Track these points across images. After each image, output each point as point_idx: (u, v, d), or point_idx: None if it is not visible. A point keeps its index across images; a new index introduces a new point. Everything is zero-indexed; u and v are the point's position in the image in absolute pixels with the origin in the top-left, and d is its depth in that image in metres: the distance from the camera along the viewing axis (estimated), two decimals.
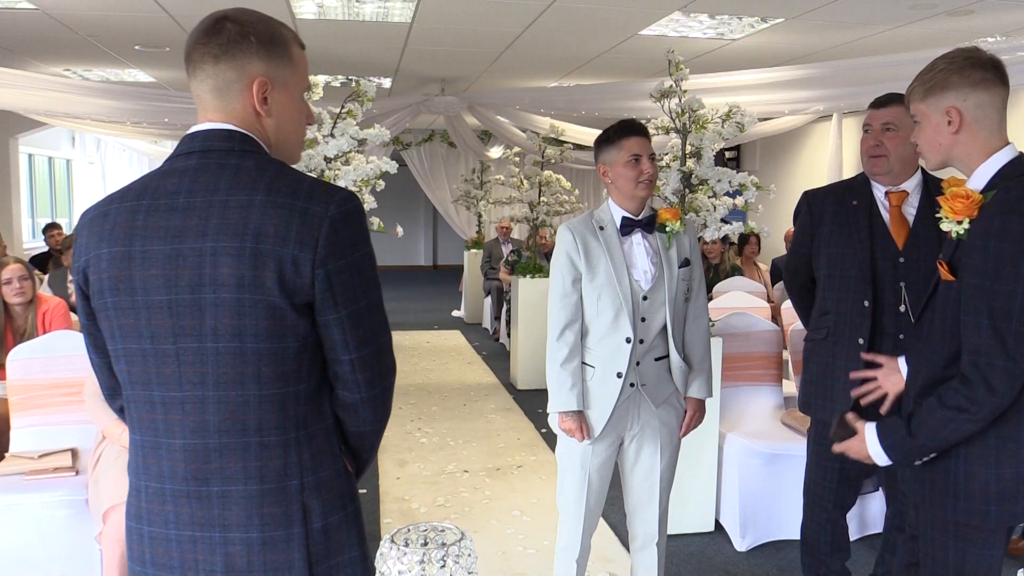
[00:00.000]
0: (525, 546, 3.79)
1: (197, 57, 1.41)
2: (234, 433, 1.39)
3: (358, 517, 1.52)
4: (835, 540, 2.94)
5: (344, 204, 1.38)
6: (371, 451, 1.57)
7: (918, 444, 1.87)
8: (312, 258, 1.34)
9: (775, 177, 10.25)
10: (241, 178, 1.37)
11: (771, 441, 3.77)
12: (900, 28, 5.71)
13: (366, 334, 1.42)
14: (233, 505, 1.40)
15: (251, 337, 1.35)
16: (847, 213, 2.77)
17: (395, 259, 17.01)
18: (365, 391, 1.45)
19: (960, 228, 1.82)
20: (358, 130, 3.55)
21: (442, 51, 6.94)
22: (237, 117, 1.43)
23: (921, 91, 1.89)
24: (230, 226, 1.34)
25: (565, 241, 2.66)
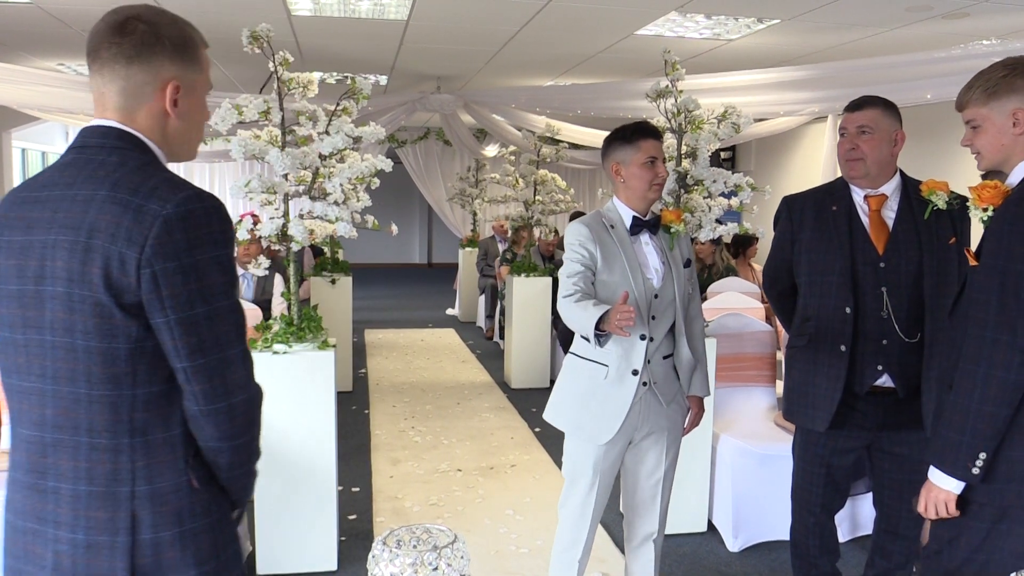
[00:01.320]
0: (518, 545, 3.79)
1: (107, 55, 1.39)
2: (67, 430, 1.37)
3: (199, 537, 1.43)
4: (824, 542, 2.94)
5: (185, 204, 1.33)
6: (231, 469, 1.48)
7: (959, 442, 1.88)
8: (138, 257, 1.30)
9: (770, 178, 10.26)
10: (96, 173, 1.36)
11: (764, 442, 3.77)
12: (896, 30, 5.72)
13: (202, 343, 1.36)
14: (63, 503, 1.38)
15: (80, 334, 1.33)
16: (827, 219, 2.76)
17: (390, 257, 16.98)
18: (204, 404, 1.38)
19: (985, 215, 1.92)
20: (353, 128, 3.54)
21: (438, 49, 6.93)
22: (140, 118, 1.42)
23: (983, 96, 1.95)
24: (71, 219, 1.33)
25: (580, 233, 2.65)
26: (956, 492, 1.92)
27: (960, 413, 1.88)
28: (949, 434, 1.90)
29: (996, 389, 1.82)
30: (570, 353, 2.77)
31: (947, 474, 1.91)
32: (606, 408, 2.65)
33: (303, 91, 3.51)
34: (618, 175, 2.69)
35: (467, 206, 11.36)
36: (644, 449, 2.77)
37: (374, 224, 4.10)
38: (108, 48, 1.39)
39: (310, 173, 3.58)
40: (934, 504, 1.95)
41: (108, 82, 1.40)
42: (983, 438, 1.85)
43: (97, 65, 1.41)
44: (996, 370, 1.82)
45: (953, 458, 1.90)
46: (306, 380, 3.41)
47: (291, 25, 5.94)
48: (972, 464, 1.87)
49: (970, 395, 1.85)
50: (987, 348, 1.83)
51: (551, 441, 5.41)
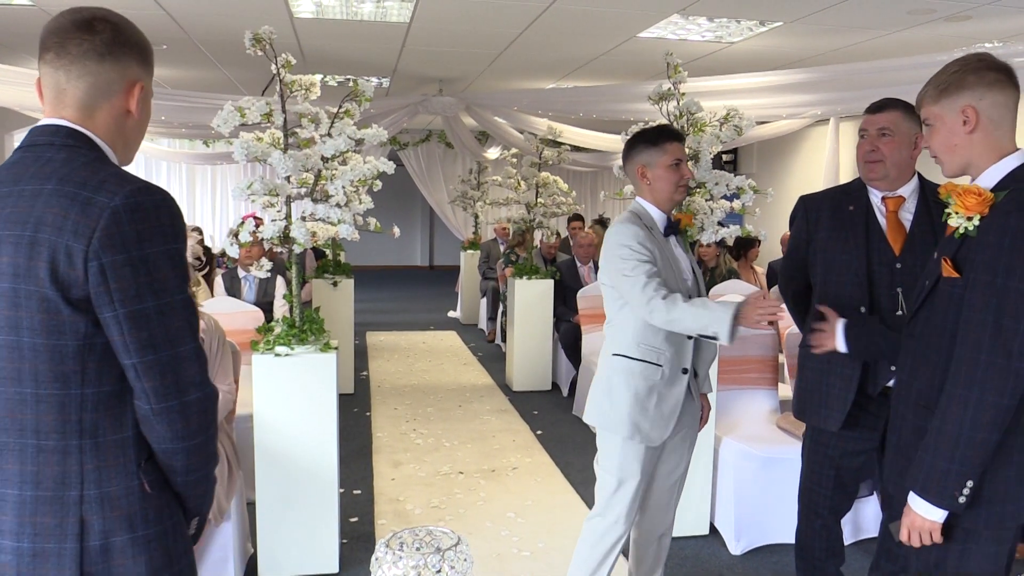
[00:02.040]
0: (520, 548, 3.78)
1: (76, 51, 1.38)
2: (12, 432, 1.33)
3: (152, 543, 1.39)
4: (830, 546, 2.93)
5: (134, 196, 1.31)
6: (187, 474, 1.43)
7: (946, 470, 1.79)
8: (85, 249, 1.27)
9: (772, 180, 10.26)
10: (43, 169, 1.34)
11: (766, 445, 3.76)
12: (898, 33, 5.72)
13: (152, 338, 1.32)
14: (8, 510, 1.33)
15: (27, 331, 1.30)
16: (843, 219, 2.76)
17: (391, 259, 16.98)
18: (155, 402, 1.35)
19: (970, 224, 1.80)
20: (355, 130, 3.54)
21: (440, 51, 6.93)
22: (100, 116, 1.42)
23: (935, 93, 1.88)
24: (16, 214, 1.31)
25: (637, 235, 2.61)
26: (941, 521, 1.83)
27: (948, 440, 1.77)
28: (936, 461, 1.80)
29: (989, 415, 1.73)
30: (617, 355, 2.70)
31: (932, 504, 1.82)
32: (663, 409, 2.66)
33: (305, 93, 3.51)
34: (644, 177, 2.71)
35: (469, 208, 11.36)
36: (670, 448, 2.79)
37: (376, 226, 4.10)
38: (78, 44, 1.37)
39: (312, 175, 3.58)
40: (918, 533, 1.87)
41: (75, 78, 1.39)
42: (971, 465, 1.76)
43: (63, 61, 1.38)
44: (989, 395, 1.72)
45: (939, 487, 1.80)
46: (308, 382, 3.41)
47: (293, 27, 5.95)
48: (959, 493, 1.78)
49: (960, 421, 1.75)
50: (982, 372, 1.73)
51: (553, 444, 5.40)
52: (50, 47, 1.39)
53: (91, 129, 1.41)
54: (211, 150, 11.65)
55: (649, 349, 2.65)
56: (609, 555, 2.76)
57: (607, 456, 2.73)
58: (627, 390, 2.65)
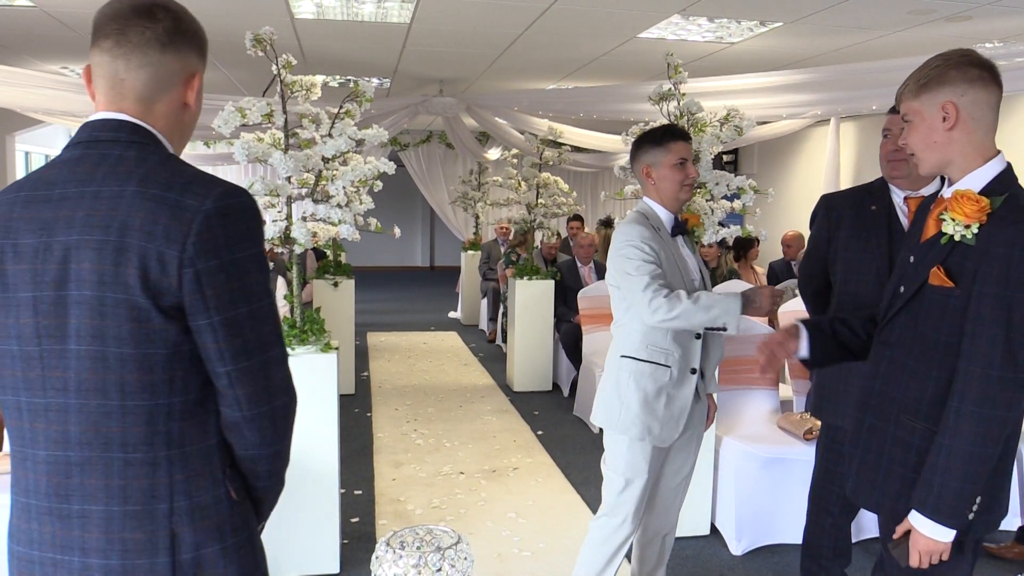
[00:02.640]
0: (521, 548, 3.78)
1: (138, 39, 1.31)
2: (96, 447, 1.27)
3: (242, 551, 1.37)
4: (838, 545, 2.91)
5: (224, 199, 1.27)
6: (268, 478, 1.42)
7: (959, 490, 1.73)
8: (179, 255, 1.22)
9: (773, 181, 10.26)
10: (118, 169, 1.28)
11: (767, 445, 3.76)
12: (899, 33, 5.72)
13: (246, 344, 1.29)
14: (93, 527, 1.27)
15: (113, 340, 1.24)
16: (866, 218, 2.74)
17: (392, 260, 16.98)
18: (247, 409, 1.31)
19: (968, 232, 1.73)
20: (356, 130, 3.54)
21: (441, 52, 6.94)
22: (158, 108, 1.35)
23: (915, 88, 1.82)
24: (96, 218, 1.24)
25: (643, 235, 2.61)
26: (951, 541, 1.76)
27: (960, 459, 1.71)
28: (948, 482, 1.72)
29: (997, 429, 1.69)
30: (625, 357, 2.70)
31: (944, 525, 1.75)
32: (672, 410, 2.66)
33: (306, 94, 3.51)
34: (649, 177, 2.72)
35: (469, 209, 11.36)
36: (677, 448, 2.79)
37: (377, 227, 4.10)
38: (140, 32, 1.30)
39: (313, 176, 3.58)
40: (927, 556, 1.79)
41: (136, 68, 1.32)
42: (980, 480, 1.72)
43: (123, 49, 1.31)
44: (999, 410, 1.68)
45: (951, 508, 1.73)
46: (308, 383, 3.41)
47: (294, 28, 5.95)
48: (970, 510, 1.74)
49: (973, 441, 1.69)
50: (993, 388, 1.67)
51: (553, 444, 5.40)
52: (109, 34, 1.31)
53: (150, 123, 1.34)
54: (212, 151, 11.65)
55: (657, 350, 2.65)
56: (616, 556, 2.77)
57: (615, 456, 2.73)
58: (637, 391, 2.65)
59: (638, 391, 2.65)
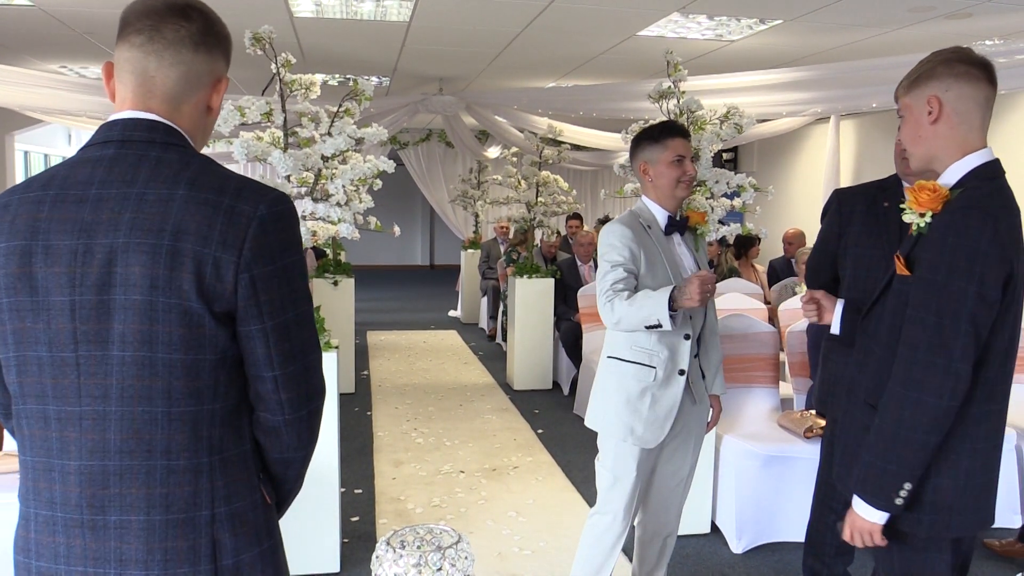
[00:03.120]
0: (521, 547, 3.78)
1: (172, 37, 1.29)
2: (138, 455, 1.24)
3: (275, 554, 1.37)
4: (841, 543, 2.90)
5: (276, 205, 1.28)
6: (295, 481, 1.44)
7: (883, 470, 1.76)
8: (236, 261, 1.22)
9: (772, 179, 10.26)
10: (162, 171, 1.25)
11: (768, 443, 3.76)
12: (898, 31, 5.71)
13: (293, 349, 1.30)
14: (132, 538, 1.24)
15: (163, 346, 1.22)
16: (877, 214, 2.73)
17: (392, 259, 16.98)
18: (289, 412, 1.32)
19: (922, 221, 1.77)
20: (355, 129, 3.54)
21: (440, 51, 6.93)
22: (185, 110, 1.34)
23: (907, 83, 1.86)
24: (146, 221, 1.21)
25: (623, 235, 2.61)
26: (880, 523, 1.79)
27: (886, 439, 1.74)
28: (873, 461, 1.76)
29: (927, 416, 1.68)
30: (611, 358, 2.71)
31: (870, 504, 1.78)
32: (657, 411, 2.64)
33: (305, 93, 3.51)
34: (646, 174, 2.71)
35: (469, 208, 11.36)
36: (673, 449, 2.78)
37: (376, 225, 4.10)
38: (175, 30, 1.29)
39: (312, 174, 3.58)
40: (859, 534, 1.83)
41: (168, 65, 1.30)
42: (909, 467, 1.72)
43: (156, 45, 1.29)
44: (928, 396, 1.67)
45: (876, 488, 1.76)
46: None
47: (293, 27, 5.95)
48: (896, 494, 1.74)
49: (898, 421, 1.71)
50: (919, 371, 1.68)
51: (553, 443, 5.40)
52: (142, 30, 1.29)
53: (177, 124, 1.33)
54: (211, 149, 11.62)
55: (641, 351, 2.64)
56: (611, 553, 2.77)
57: (604, 454, 2.76)
58: (619, 392, 2.66)
59: (621, 391, 2.65)
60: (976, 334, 1.66)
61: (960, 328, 1.66)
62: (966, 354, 1.66)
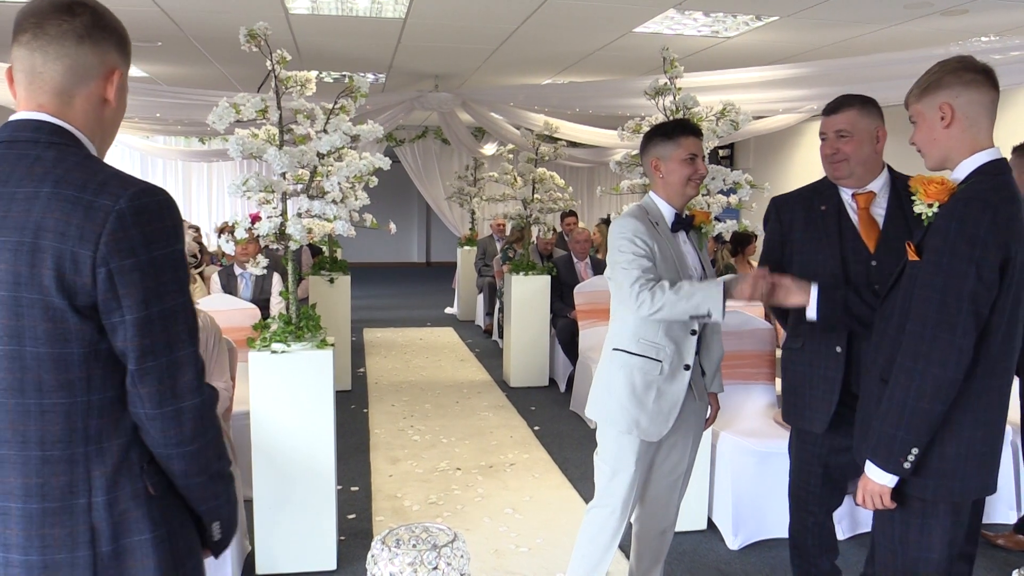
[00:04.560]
0: (518, 544, 3.78)
1: (55, 32, 1.32)
2: (14, 445, 1.28)
3: (163, 543, 1.37)
4: (822, 541, 2.93)
5: (138, 198, 1.28)
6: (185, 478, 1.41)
7: (892, 436, 1.94)
8: (93, 255, 1.24)
9: (769, 175, 10.26)
10: (34, 170, 1.29)
11: (764, 440, 3.76)
12: (894, 27, 5.71)
13: (154, 345, 1.30)
14: (13, 523, 1.29)
15: (30, 340, 1.25)
16: (816, 219, 2.73)
17: (388, 256, 16.96)
18: (149, 407, 1.32)
19: (930, 211, 1.97)
20: (351, 126, 3.53)
21: (436, 47, 6.92)
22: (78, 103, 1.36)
23: (917, 92, 2.03)
24: (12, 220, 1.25)
25: (637, 229, 2.60)
26: (890, 486, 1.98)
27: (896, 408, 1.92)
28: (884, 428, 1.95)
29: (932, 386, 1.87)
30: (617, 350, 2.71)
31: (880, 468, 1.98)
32: (662, 405, 2.65)
33: (301, 89, 3.50)
34: (657, 171, 2.70)
35: (465, 205, 11.36)
36: (671, 444, 2.78)
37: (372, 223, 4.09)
38: (57, 25, 1.33)
39: (308, 172, 3.57)
40: (870, 496, 2.02)
41: (52, 60, 1.33)
42: (916, 433, 1.91)
43: (40, 42, 1.33)
44: (933, 367, 1.86)
45: (887, 452, 1.95)
46: (305, 379, 3.41)
47: (288, 23, 5.93)
48: (904, 459, 1.93)
49: (906, 390, 1.90)
50: (926, 345, 1.87)
51: (550, 439, 5.40)
52: (27, 28, 1.34)
53: (70, 120, 1.35)
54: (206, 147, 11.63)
55: (648, 344, 2.64)
56: (609, 547, 2.77)
57: (603, 446, 2.76)
58: (625, 385, 2.66)
59: (627, 384, 2.65)
60: (977, 312, 1.85)
61: (963, 306, 1.84)
62: (968, 330, 1.85)
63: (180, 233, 1.34)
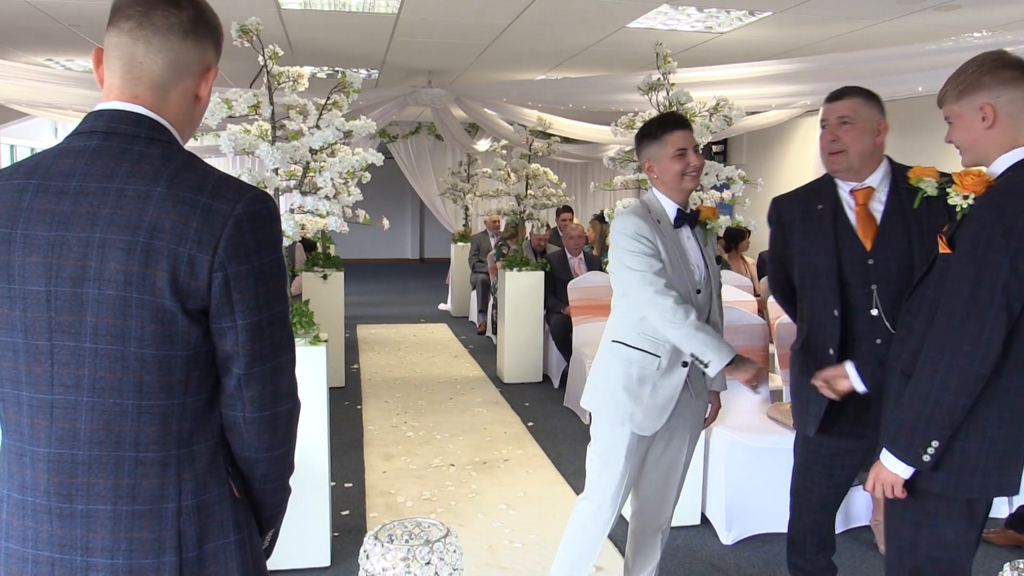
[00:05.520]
0: (511, 540, 3.78)
1: (162, 23, 1.30)
2: (107, 446, 1.26)
3: (243, 547, 1.37)
4: (821, 540, 2.91)
5: (253, 203, 1.28)
6: (265, 483, 1.42)
7: (914, 427, 1.91)
8: (211, 259, 1.23)
9: (762, 171, 10.27)
10: (143, 166, 1.26)
11: (757, 435, 3.77)
12: (887, 23, 5.72)
13: (262, 350, 1.31)
14: (99, 527, 1.27)
15: (135, 341, 1.23)
16: (813, 219, 2.69)
17: (381, 252, 16.94)
18: (250, 412, 1.33)
19: (965, 203, 1.93)
20: (344, 122, 3.52)
21: (429, 43, 6.90)
22: (172, 99, 1.34)
23: (955, 93, 1.98)
24: (123, 217, 1.22)
25: (641, 227, 2.59)
26: (904, 476, 1.96)
27: (919, 399, 1.89)
28: (905, 418, 1.92)
29: (958, 379, 1.83)
30: (616, 342, 2.70)
31: (898, 458, 1.95)
32: (656, 399, 2.65)
33: (293, 85, 3.49)
34: (652, 172, 2.70)
35: (459, 201, 11.33)
36: (667, 441, 2.77)
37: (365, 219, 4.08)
38: (164, 16, 1.30)
39: (301, 167, 3.56)
40: (882, 485, 2.00)
41: (156, 52, 1.30)
42: (938, 426, 1.87)
43: (145, 32, 1.29)
44: (960, 360, 1.82)
45: (906, 443, 1.92)
46: (298, 376, 3.38)
47: (281, 18, 5.91)
48: (924, 451, 1.90)
49: (930, 382, 1.86)
50: (954, 337, 1.83)
51: (544, 435, 5.40)
52: (131, 16, 1.30)
53: (164, 114, 1.33)
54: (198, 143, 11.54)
55: (649, 339, 2.64)
56: (596, 541, 2.78)
57: (596, 438, 2.76)
58: (621, 377, 2.66)
59: (624, 376, 2.65)
60: (1008, 305, 1.80)
61: (994, 298, 1.79)
62: (998, 323, 1.80)
63: (281, 240, 1.35)
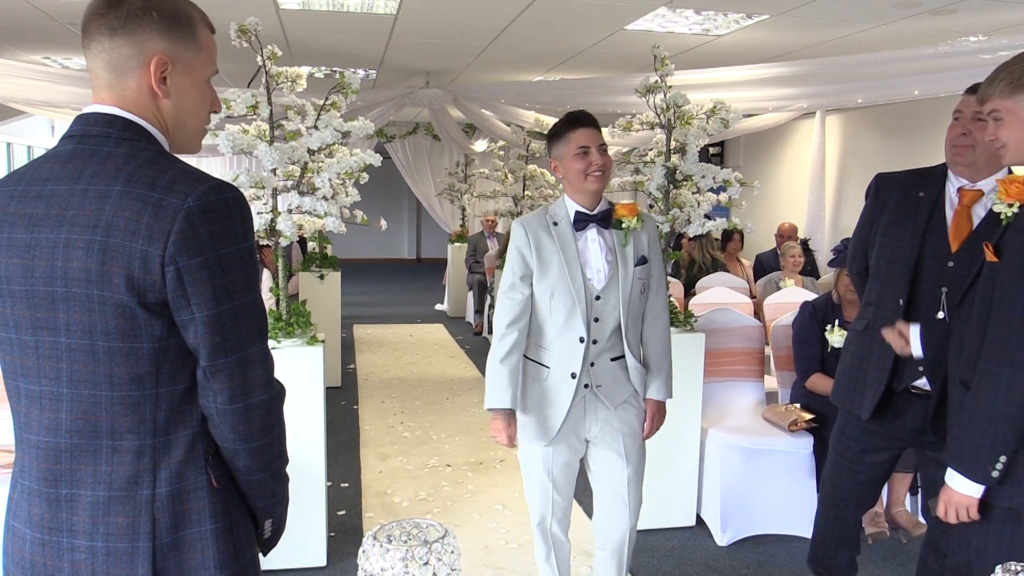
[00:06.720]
0: (507, 540, 3.79)
1: (93, 29, 1.33)
2: (85, 434, 1.32)
3: (222, 536, 1.39)
4: (843, 535, 2.83)
5: (206, 196, 1.27)
6: (248, 474, 1.42)
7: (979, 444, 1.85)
8: (162, 254, 1.24)
9: (758, 174, 10.29)
10: (107, 166, 1.29)
11: (752, 436, 3.78)
12: (884, 26, 5.74)
13: (224, 342, 1.31)
14: (80, 511, 1.33)
15: (101, 335, 1.28)
16: (909, 204, 2.58)
17: (378, 252, 16.94)
18: (221, 403, 1.34)
19: (1010, 211, 1.90)
20: (342, 122, 3.53)
21: (427, 44, 6.91)
22: (130, 98, 1.35)
23: (1007, 88, 1.86)
24: (84, 217, 1.26)
25: (517, 237, 2.60)
26: (977, 496, 1.89)
27: (982, 415, 1.83)
28: (969, 436, 1.86)
29: (1021, 392, 1.78)
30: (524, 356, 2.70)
31: (967, 477, 1.88)
32: (544, 409, 2.61)
33: (291, 85, 3.50)
34: (557, 171, 2.65)
35: (456, 201, 11.34)
36: (603, 450, 2.68)
37: (363, 219, 4.09)
38: (95, 21, 1.32)
39: (298, 168, 3.56)
40: (955, 509, 1.92)
41: (95, 57, 1.34)
42: (1004, 441, 1.82)
43: (87, 41, 1.34)
44: (1021, 371, 1.77)
45: (973, 461, 1.86)
46: (295, 376, 3.40)
47: (279, 19, 5.91)
48: (992, 467, 1.84)
49: (993, 397, 1.81)
50: (1011, 349, 1.78)
51: None
52: (82, 26, 1.35)
53: (138, 113, 1.35)
54: None
55: (539, 349, 2.62)
56: (547, 560, 2.77)
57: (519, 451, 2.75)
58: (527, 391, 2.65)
59: (522, 387, 2.64)
60: None
61: None
62: None
63: (249, 230, 1.34)
